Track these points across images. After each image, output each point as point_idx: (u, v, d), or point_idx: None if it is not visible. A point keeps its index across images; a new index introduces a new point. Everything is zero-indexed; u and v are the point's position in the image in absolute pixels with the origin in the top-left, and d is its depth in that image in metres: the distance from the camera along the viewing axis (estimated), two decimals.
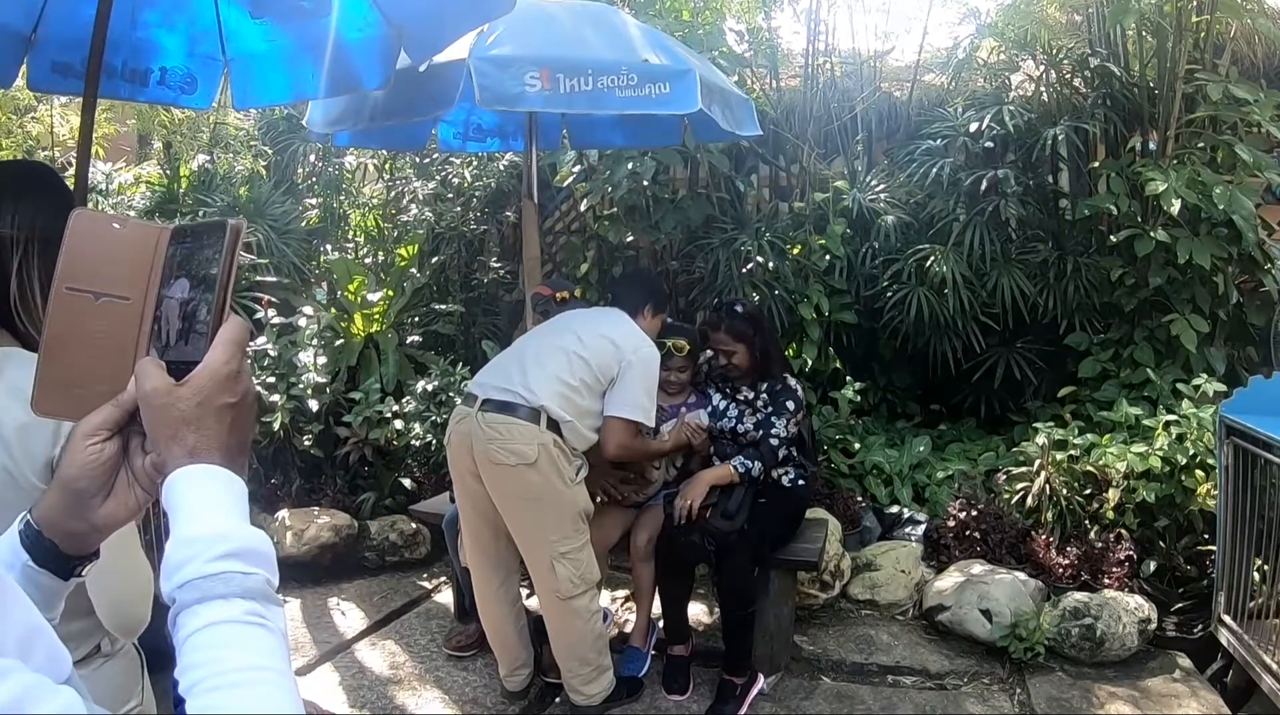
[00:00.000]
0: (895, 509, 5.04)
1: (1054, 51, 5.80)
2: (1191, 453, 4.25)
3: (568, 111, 4.01)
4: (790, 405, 3.73)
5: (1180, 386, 4.70)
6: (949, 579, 4.26)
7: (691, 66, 3.53)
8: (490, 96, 3.25)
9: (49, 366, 0.86)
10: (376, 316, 6.24)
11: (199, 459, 0.78)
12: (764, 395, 3.80)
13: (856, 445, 5.44)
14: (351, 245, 7.57)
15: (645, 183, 5.97)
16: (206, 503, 0.77)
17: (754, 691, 3.64)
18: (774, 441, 3.67)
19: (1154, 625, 3.91)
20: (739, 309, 3.85)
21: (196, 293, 0.83)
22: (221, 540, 0.74)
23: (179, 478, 0.77)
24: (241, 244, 0.85)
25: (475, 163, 7.30)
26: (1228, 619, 3.62)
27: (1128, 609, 3.86)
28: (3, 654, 0.63)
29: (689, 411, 3.86)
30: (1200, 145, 5.30)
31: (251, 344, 5.18)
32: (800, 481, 3.86)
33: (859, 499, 5.05)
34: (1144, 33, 5.58)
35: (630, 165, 5.87)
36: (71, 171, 5.04)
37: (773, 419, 3.70)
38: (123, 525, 0.88)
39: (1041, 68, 6.00)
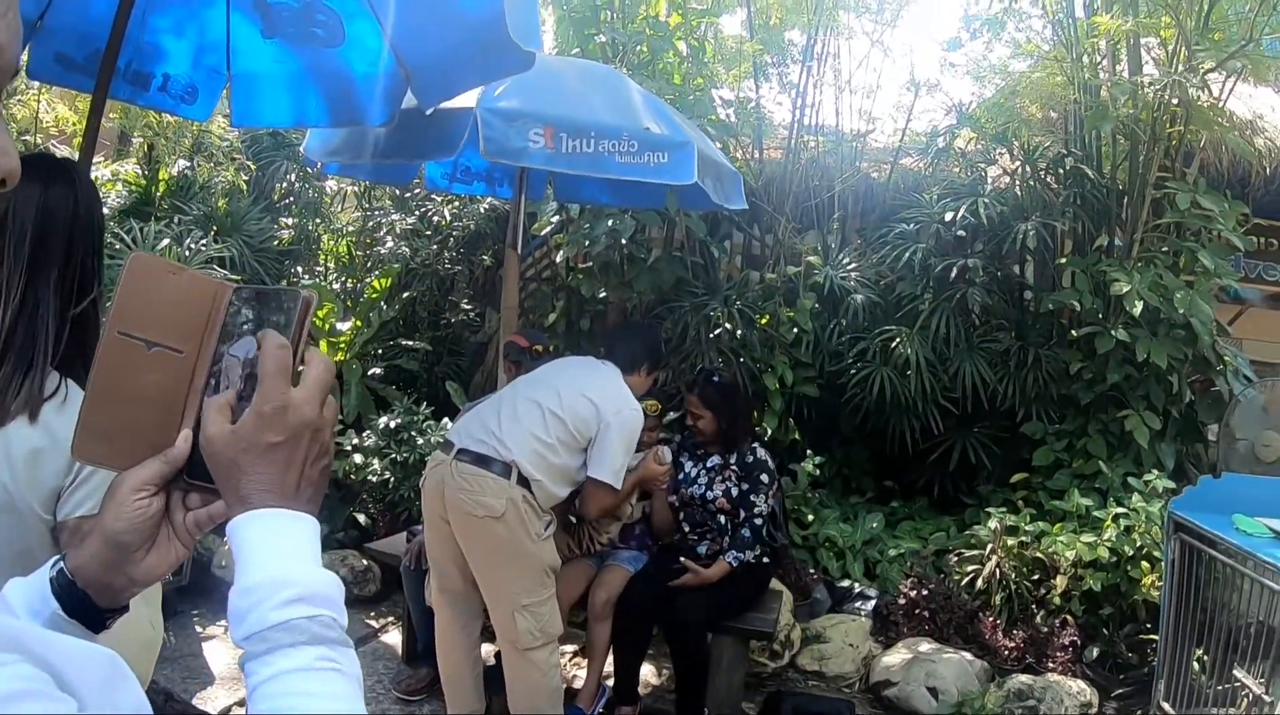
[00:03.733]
0: (846, 583, 5.08)
1: (1030, 148, 6.01)
2: (1138, 545, 4.39)
3: (567, 172, 4.03)
4: (765, 478, 3.81)
5: (1131, 480, 4.83)
6: (897, 655, 4.32)
7: (690, 138, 3.60)
8: (495, 148, 3.28)
9: (94, 413, 0.83)
10: (342, 346, 6.21)
11: (250, 504, 0.76)
12: (735, 467, 3.87)
13: (810, 517, 5.49)
14: (321, 269, 7.52)
15: (623, 240, 6.00)
16: (263, 548, 0.75)
17: None
18: (757, 521, 3.77)
19: (1095, 710, 4.01)
20: (715, 379, 3.94)
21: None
22: (282, 586, 0.73)
23: (236, 526, 0.77)
24: (311, 314, 0.85)
25: (456, 203, 7.31)
26: (1167, 706, 3.70)
27: (1070, 693, 3.95)
28: None
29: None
30: (1165, 249, 5.50)
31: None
32: (765, 560, 3.92)
33: (811, 571, 5.09)
34: (1119, 136, 5.80)
35: (610, 222, 5.91)
36: None
37: (751, 497, 3.79)
38: (160, 579, 0.86)
39: (1017, 163, 6.20)
